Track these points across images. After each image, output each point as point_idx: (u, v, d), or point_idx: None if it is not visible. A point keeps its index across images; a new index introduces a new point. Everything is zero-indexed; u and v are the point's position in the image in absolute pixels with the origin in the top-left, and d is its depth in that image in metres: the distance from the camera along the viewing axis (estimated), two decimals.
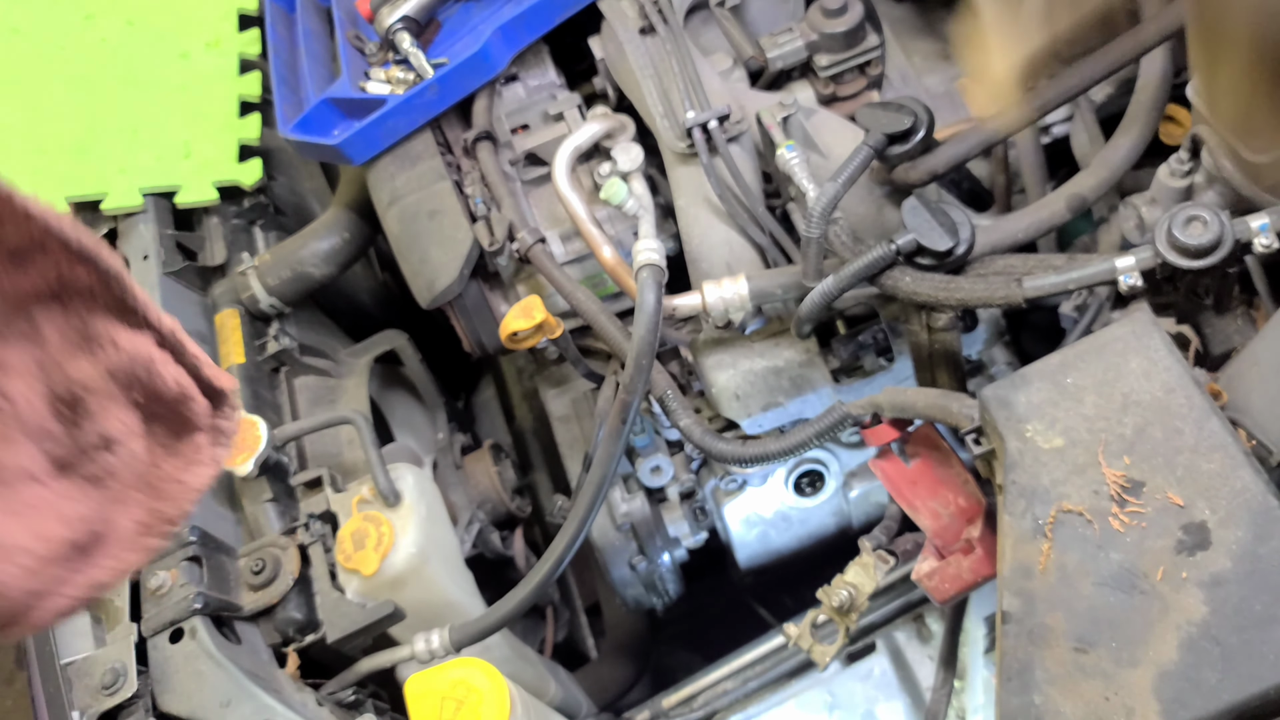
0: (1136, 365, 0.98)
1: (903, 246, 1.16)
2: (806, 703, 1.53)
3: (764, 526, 1.66)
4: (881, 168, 1.30)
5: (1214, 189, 1.18)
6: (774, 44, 1.43)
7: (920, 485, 1.17)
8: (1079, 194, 1.28)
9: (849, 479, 1.62)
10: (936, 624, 1.52)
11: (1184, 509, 0.92)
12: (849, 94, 1.46)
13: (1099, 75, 1.23)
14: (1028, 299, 1.13)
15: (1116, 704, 0.87)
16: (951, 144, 1.27)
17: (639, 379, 1.28)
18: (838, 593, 1.24)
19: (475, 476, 1.68)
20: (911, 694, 1.52)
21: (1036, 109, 1.25)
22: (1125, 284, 1.09)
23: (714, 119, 1.35)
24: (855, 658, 1.55)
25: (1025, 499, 0.96)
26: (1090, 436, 0.96)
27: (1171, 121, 1.37)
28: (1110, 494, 0.93)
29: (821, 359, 1.40)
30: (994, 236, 1.26)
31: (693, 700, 1.55)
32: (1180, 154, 1.20)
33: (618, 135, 1.45)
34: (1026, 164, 1.45)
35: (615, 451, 1.34)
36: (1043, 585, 0.93)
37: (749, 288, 1.30)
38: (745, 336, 1.40)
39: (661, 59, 1.42)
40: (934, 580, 1.14)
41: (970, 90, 1.56)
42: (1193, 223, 1.05)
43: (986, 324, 1.48)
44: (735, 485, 1.60)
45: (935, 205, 1.18)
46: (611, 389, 1.44)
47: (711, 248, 1.38)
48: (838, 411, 1.20)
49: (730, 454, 1.30)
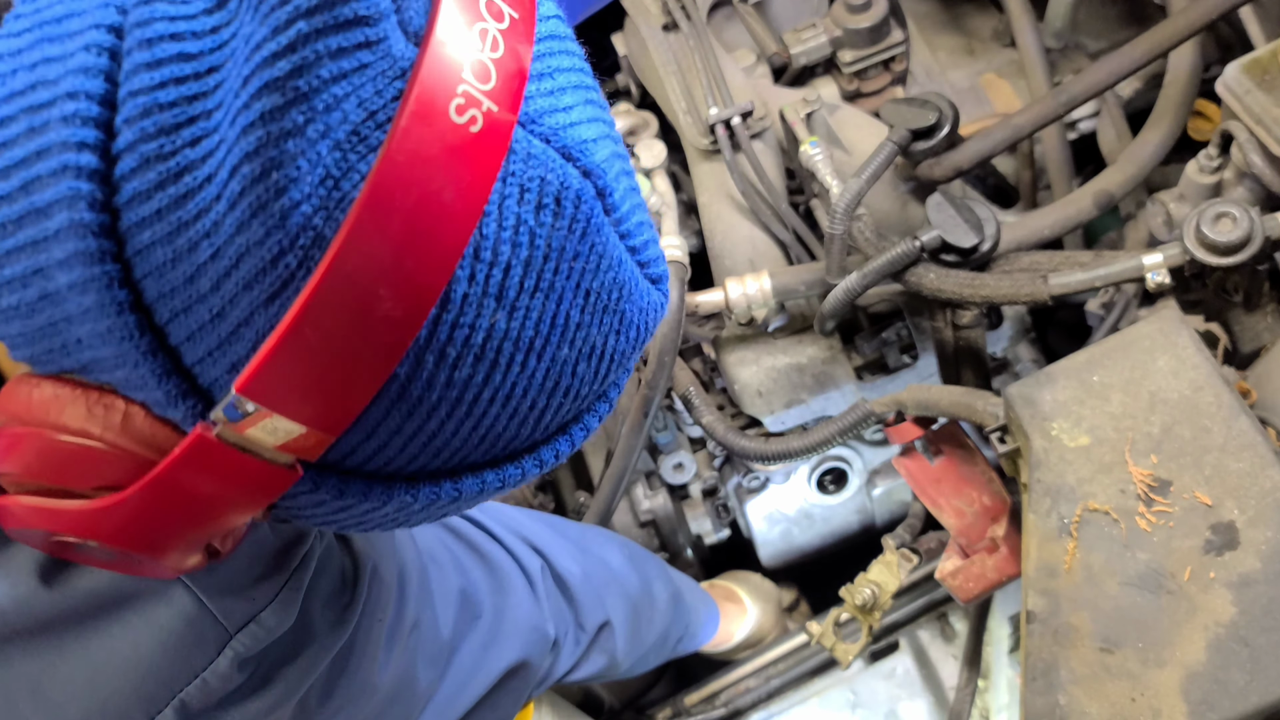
0: (1164, 363, 0.97)
1: (927, 243, 1.16)
2: (829, 701, 1.53)
3: (787, 524, 1.66)
4: (906, 164, 1.30)
5: (1243, 185, 1.17)
6: (798, 40, 1.43)
7: (944, 483, 1.16)
8: (1106, 190, 1.27)
9: (872, 477, 1.62)
10: (960, 623, 1.51)
11: (1212, 508, 0.91)
12: (873, 90, 1.46)
13: (1126, 70, 1.22)
14: (1054, 296, 1.12)
15: (1143, 705, 0.86)
16: (976, 140, 1.26)
17: (661, 375, 1.28)
18: (861, 591, 1.23)
19: None
20: (935, 693, 1.51)
21: (1063, 104, 1.24)
22: (1153, 281, 1.08)
23: (737, 115, 1.35)
24: (878, 656, 1.55)
25: (1050, 498, 0.95)
26: (1117, 435, 0.95)
27: (1200, 117, 1.36)
28: (1137, 493, 0.93)
29: (845, 356, 1.39)
30: (1019, 233, 1.25)
31: (715, 698, 1.55)
32: (1209, 150, 1.18)
33: (641, 132, 1.45)
34: (1052, 160, 1.44)
35: (636, 445, 1.34)
36: (1068, 585, 0.92)
37: (772, 284, 1.30)
38: (768, 333, 1.40)
39: (684, 55, 1.42)
40: (958, 579, 1.13)
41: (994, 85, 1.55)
42: (1222, 219, 1.04)
43: (1012, 321, 1.47)
44: (758, 483, 1.60)
45: (960, 201, 1.17)
46: (634, 385, 1.44)
47: (734, 244, 1.38)
48: (861, 409, 1.19)
49: (753, 451, 1.30)
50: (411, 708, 0.93)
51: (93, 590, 0.65)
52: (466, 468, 0.58)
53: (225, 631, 0.69)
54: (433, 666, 0.95)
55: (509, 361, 0.52)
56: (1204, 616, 0.88)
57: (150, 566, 0.58)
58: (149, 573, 0.60)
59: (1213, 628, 0.87)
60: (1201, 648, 0.87)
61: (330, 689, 0.81)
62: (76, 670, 0.65)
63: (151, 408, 0.53)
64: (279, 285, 0.48)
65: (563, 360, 0.55)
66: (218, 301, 0.49)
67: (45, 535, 0.56)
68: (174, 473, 0.51)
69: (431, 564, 0.97)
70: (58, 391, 0.53)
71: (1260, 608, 0.87)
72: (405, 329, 0.48)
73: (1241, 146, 1.13)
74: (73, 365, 0.53)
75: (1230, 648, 0.86)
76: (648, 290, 0.59)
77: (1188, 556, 0.90)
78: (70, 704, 0.65)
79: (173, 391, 0.51)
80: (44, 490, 0.55)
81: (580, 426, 0.62)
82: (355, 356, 0.48)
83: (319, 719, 0.80)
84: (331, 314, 0.46)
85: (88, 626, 0.65)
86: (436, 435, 0.53)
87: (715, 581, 1.64)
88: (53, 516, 0.54)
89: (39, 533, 0.56)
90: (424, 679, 0.93)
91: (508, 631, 1.04)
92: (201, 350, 0.50)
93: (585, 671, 1.18)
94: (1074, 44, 1.53)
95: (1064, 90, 1.24)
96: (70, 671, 0.65)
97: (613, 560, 1.26)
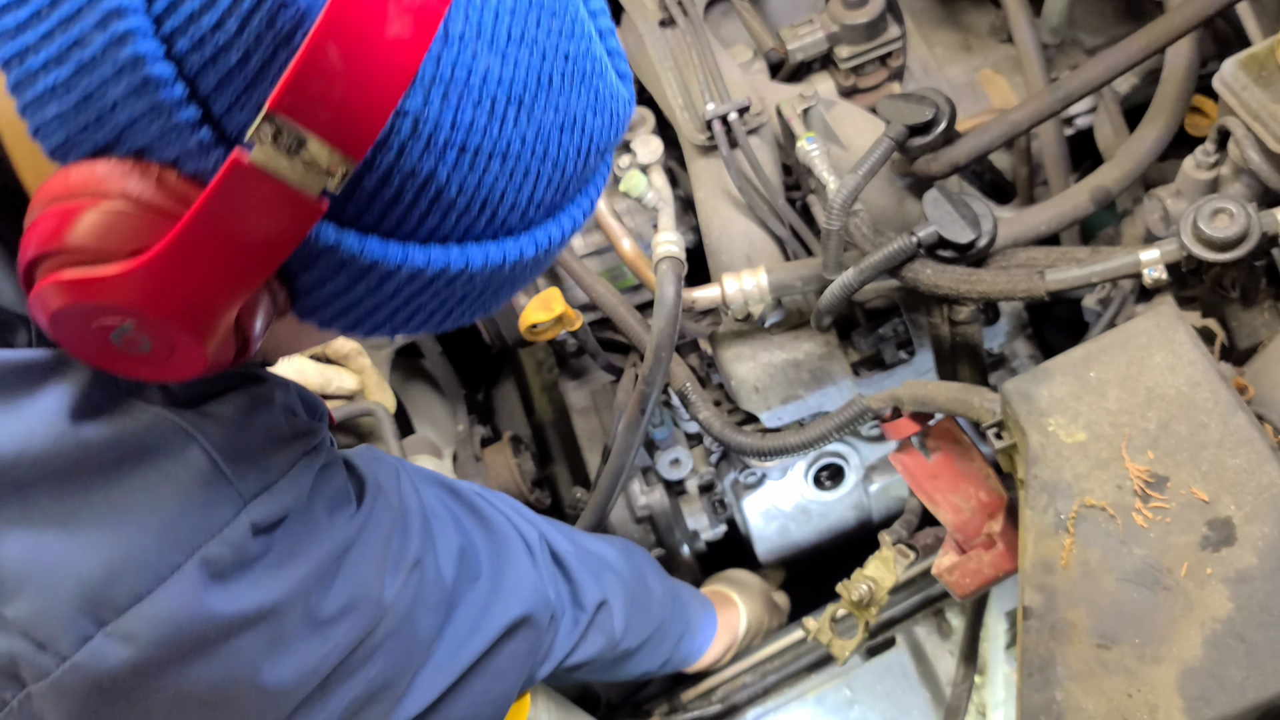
0: (1161, 359, 0.97)
1: (924, 239, 1.16)
2: (825, 697, 1.53)
3: (783, 520, 1.66)
4: (902, 159, 1.29)
5: (1241, 181, 1.17)
6: (794, 35, 1.42)
7: (941, 479, 1.16)
8: (1103, 186, 1.27)
9: (869, 472, 1.62)
10: (957, 619, 1.52)
11: (1209, 504, 0.91)
12: (870, 85, 1.45)
13: (1123, 65, 1.22)
14: (1050, 292, 1.12)
15: (1139, 701, 0.87)
16: (973, 135, 1.26)
17: (658, 371, 1.28)
18: (857, 587, 1.23)
19: (495, 468, 1.69)
20: (931, 689, 1.51)
21: (1060, 100, 1.24)
22: (1150, 277, 1.08)
23: (734, 111, 1.34)
24: (875, 652, 1.54)
25: (1047, 493, 0.95)
26: (1114, 431, 0.95)
27: (1197, 113, 1.36)
28: (1134, 489, 0.93)
29: (841, 352, 1.39)
30: (1016, 229, 1.25)
31: (711, 694, 1.55)
32: (1206, 145, 1.18)
33: (637, 128, 1.45)
34: (1049, 155, 1.44)
35: (633, 442, 1.34)
36: (1065, 580, 0.92)
37: (769, 280, 1.30)
38: (765, 329, 1.40)
39: (681, 51, 1.41)
40: (954, 575, 1.13)
41: (991, 81, 1.55)
42: (1219, 215, 1.04)
43: (1008, 317, 1.47)
44: (754, 478, 1.60)
45: (957, 197, 1.17)
46: (631, 381, 1.44)
47: (731, 240, 1.37)
48: (858, 405, 1.19)
49: (749, 447, 1.30)
50: (413, 650, 0.94)
51: (117, 439, 0.69)
52: (471, 238, 0.65)
53: (239, 496, 0.73)
54: (434, 613, 0.96)
55: (502, 115, 0.61)
56: (1201, 612, 0.88)
57: (186, 353, 0.63)
58: (184, 367, 0.64)
59: (1209, 624, 0.87)
60: (1198, 643, 0.87)
61: (333, 587, 0.83)
62: (101, 516, 0.68)
63: (183, 166, 0.58)
64: (298, 19, 0.55)
65: (549, 126, 0.64)
66: (243, 44, 0.55)
67: (85, 322, 0.61)
68: (210, 207, 0.57)
69: (433, 518, 0.99)
70: (93, 166, 0.59)
71: (1257, 603, 0.87)
72: (414, 51, 0.55)
73: (1238, 142, 1.13)
74: (105, 139, 0.58)
75: (1227, 643, 0.86)
76: (617, 81, 0.69)
77: (1184, 552, 0.90)
78: (95, 549, 0.68)
79: (205, 140, 0.57)
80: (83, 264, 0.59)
81: (567, 215, 0.70)
82: (373, 76, 0.54)
83: (323, 619, 0.82)
84: (349, 32, 0.53)
85: (110, 475, 0.69)
86: (443, 189, 0.61)
87: (705, 588, 1.64)
88: (91, 287, 0.59)
89: (78, 319, 0.61)
90: (425, 624, 0.95)
91: (507, 591, 1.05)
92: (230, 96, 0.57)
93: (585, 652, 1.18)
94: (1071, 40, 1.53)
95: (1061, 86, 1.24)
96: (94, 517, 0.68)
97: (606, 552, 1.27)
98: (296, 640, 0.80)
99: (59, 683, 0.68)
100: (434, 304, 0.68)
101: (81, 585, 0.68)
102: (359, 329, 0.70)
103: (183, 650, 0.72)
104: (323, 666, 0.83)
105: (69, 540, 0.67)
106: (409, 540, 0.93)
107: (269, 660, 0.78)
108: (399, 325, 0.70)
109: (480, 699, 1.02)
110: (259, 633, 0.76)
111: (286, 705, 0.82)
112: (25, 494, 0.66)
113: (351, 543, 0.85)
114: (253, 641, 0.76)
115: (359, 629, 0.86)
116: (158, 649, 0.70)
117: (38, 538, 0.67)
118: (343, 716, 0.88)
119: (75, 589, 0.67)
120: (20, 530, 0.66)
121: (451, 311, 0.71)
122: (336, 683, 0.86)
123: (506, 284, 0.71)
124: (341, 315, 0.67)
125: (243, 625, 0.75)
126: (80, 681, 0.69)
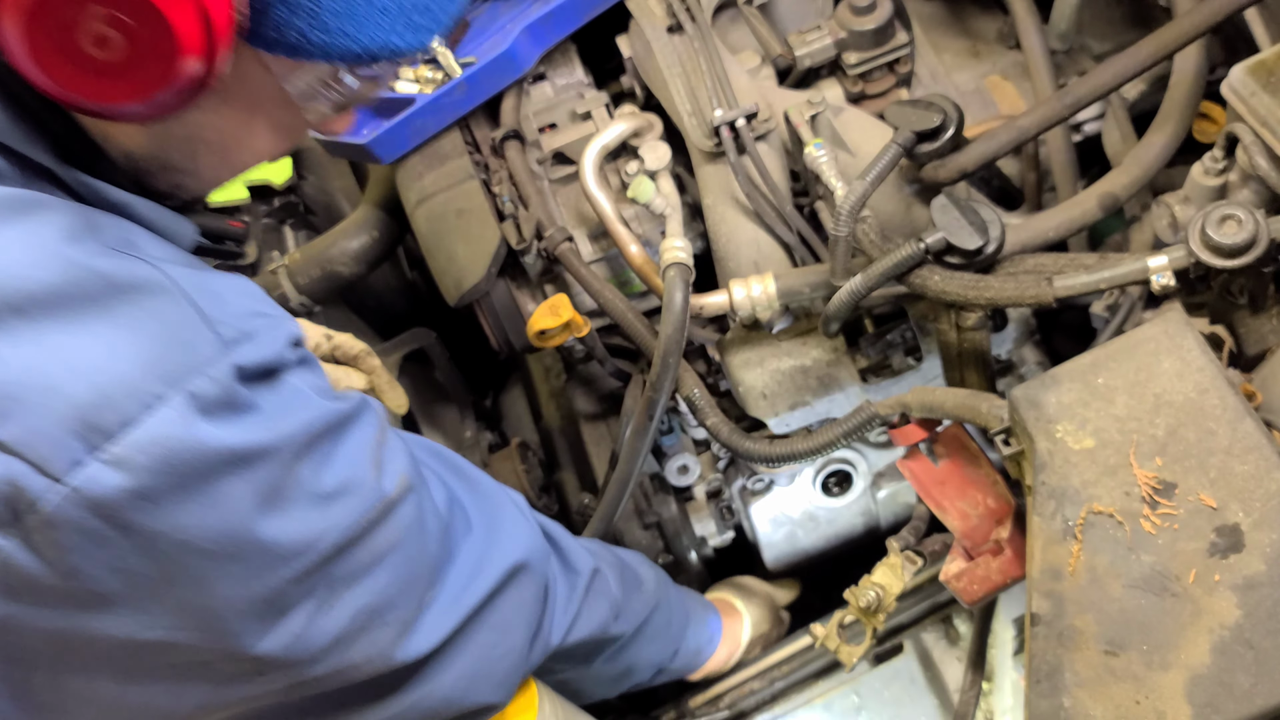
0: (1169, 366, 0.97)
1: (931, 245, 1.16)
2: (833, 703, 1.53)
3: (791, 526, 1.66)
4: (910, 166, 1.30)
5: (1249, 187, 1.17)
6: (802, 42, 1.42)
7: (948, 486, 1.16)
8: (1111, 192, 1.27)
9: (877, 479, 1.62)
10: (965, 625, 1.51)
11: (1217, 511, 0.91)
12: (878, 92, 1.45)
13: (1132, 72, 1.22)
14: (1058, 298, 1.12)
15: (1147, 708, 0.86)
16: (981, 142, 1.26)
17: (666, 377, 1.28)
18: (865, 593, 1.23)
19: (502, 474, 1.69)
20: (939, 696, 1.51)
21: (1068, 106, 1.24)
22: (1158, 283, 1.08)
23: (741, 117, 1.35)
24: (882, 659, 1.54)
25: (1055, 500, 0.95)
26: (1121, 437, 0.95)
27: (1205, 119, 1.36)
28: (1141, 495, 0.93)
29: (849, 358, 1.39)
30: (1024, 235, 1.25)
31: (719, 700, 1.55)
32: (1214, 152, 1.18)
33: (645, 134, 1.45)
34: (1057, 162, 1.44)
35: (641, 449, 1.34)
36: (1072, 587, 0.92)
37: (776, 286, 1.30)
38: (772, 335, 1.40)
39: (689, 57, 1.42)
40: (962, 581, 1.13)
41: (999, 87, 1.55)
42: (1227, 221, 1.04)
43: (1016, 323, 1.46)
44: (762, 485, 1.60)
45: (965, 203, 1.17)
46: (638, 388, 1.44)
47: (739, 246, 1.38)
48: (865, 411, 1.19)
49: (757, 453, 1.30)
50: (418, 571, 0.96)
51: (104, 274, 0.74)
52: None
53: (220, 338, 0.78)
54: (436, 542, 0.99)
55: None
56: (1209, 619, 0.88)
57: (155, 47, 0.72)
58: (153, 72, 0.74)
59: (1217, 630, 0.87)
60: (1206, 650, 0.87)
61: (327, 463, 0.85)
62: (87, 344, 0.72)
63: None
64: None
65: None
66: None
67: (57, 21, 0.70)
68: None
69: (421, 467, 1.01)
70: None
71: (1265, 610, 0.86)
72: None
73: (1247, 149, 1.13)
74: None
75: (1235, 650, 0.86)
76: None
77: (1192, 559, 0.90)
78: (83, 375, 0.71)
79: None
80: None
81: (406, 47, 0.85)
82: None
83: (320, 493, 0.84)
84: None
85: (98, 304, 0.73)
86: None
87: (710, 594, 1.64)
88: None
89: (51, 17, 0.70)
90: (428, 548, 0.97)
91: (503, 539, 1.08)
92: None
93: (589, 622, 1.19)
94: (1079, 46, 1.53)
95: (1069, 92, 1.24)
96: (81, 345, 0.72)
97: (587, 541, 1.30)
98: (291, 504, 0.82)
99: (60, 511, 0.70)
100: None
101: (71, 407, 0.70)
102: (329, 42, 0.80)
103: (175, 479, 0.74)
104: (321, 541, 0.84)
105: (58, 363, 0.71)
106: (398, 455, 0.95)
107: (265, 513, 0.79)
108: (368, 28, 0.82)
109: (489, 653, 1.03)
110: (251, 478, 0.78)
111: (286, 573, 0.83)
112: (18, 315, 0.70)
113: (343, 424, 0.88)
114: (245, 487, 0.78)
115: (357, 513, 0.87)
116: (151, 476, 0.72)
117: (28, 360, 0.70)
118: (351, 626, 0.89)
119: (66, 410, 0.70)
120: (10, 351, 0.70)
121: None
122: (343, 583, 0.87)
123: None
124: (311, 17, 0.78)
125: (233, 462, 0.77)
126: (81, 512, 0.71)
